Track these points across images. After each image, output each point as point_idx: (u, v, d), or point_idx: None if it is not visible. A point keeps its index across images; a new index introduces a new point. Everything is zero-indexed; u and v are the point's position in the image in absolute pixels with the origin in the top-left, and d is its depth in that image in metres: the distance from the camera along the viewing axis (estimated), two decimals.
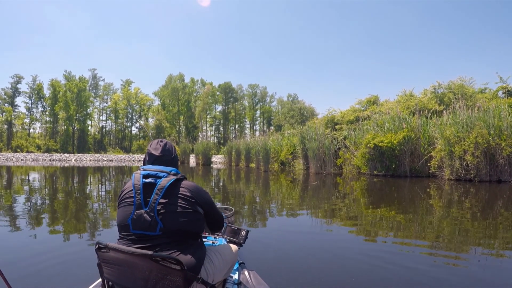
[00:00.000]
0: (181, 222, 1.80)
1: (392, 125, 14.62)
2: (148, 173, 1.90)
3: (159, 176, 1.89)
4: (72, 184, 13.37)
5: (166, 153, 2.09)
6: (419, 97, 20.07)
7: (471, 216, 6.33)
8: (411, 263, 3.65)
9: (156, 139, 2.19)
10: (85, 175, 19.10)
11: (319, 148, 17.02)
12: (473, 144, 11.48)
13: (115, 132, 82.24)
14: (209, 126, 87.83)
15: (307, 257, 3.90)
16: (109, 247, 1.65)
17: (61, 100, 70.09)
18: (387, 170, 14.15)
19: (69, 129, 71.66)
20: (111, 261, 1.69)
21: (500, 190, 10.08)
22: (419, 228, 5.46)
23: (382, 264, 3.61)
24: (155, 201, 1.79)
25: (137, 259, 1.59)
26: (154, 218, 1.76)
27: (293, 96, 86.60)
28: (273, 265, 3.53)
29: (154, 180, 1.87)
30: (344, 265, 3.66)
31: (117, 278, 1.72)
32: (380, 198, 9.16)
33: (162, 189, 1.82)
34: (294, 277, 3.19)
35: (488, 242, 4.58)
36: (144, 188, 1.85)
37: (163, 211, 1.78)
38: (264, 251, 4.05)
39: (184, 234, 1.83)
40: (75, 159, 45.22)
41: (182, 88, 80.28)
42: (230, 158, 29.59)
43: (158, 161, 2.05)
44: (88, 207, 7.73)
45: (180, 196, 1.85)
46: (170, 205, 1.80)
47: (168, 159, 2.08)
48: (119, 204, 1.95)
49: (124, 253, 1.61)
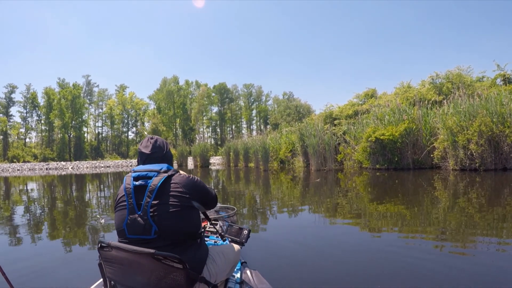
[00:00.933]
0: (176, 223, 1.74)
1: (393, 117, 14.35)
2: (138, 175, 1.83)
3: (149, 176, 1.81)
4: (70, 192, 13.04)
5: (156, 150, 2.01)
6: (417, 88, 19.83)
7: (480, 206, 6.13)
8: (418, 256, 3.51)
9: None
10: (83, 182, 18.75)
11: (319, 144, 16.69)
12: (477, 133, 11.24)
13: (112, 138, 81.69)
14: (206, 128, 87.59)
15: (310, 256, 3.81)
16: (111, 245, 1.62)
17: (56, 108, 69.26)
18: (390, 163, 13.88)
19: (65, 137, 70.86)
20: (113, 260, 1.66)
21: (506, 178, 9.87)
22: (429, 220, 5.25)
23: (389, 260, 3.50)
24: (147, 203, 1.73)
25: (139, 257, 1.56)
26: (148, 221, 1.71)
27: (288, 94, 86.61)
28: (275, 264, 3.49)
29: (144, 182, 1.79)
30: (348, 261, 3.58)
31: (119, 277, 1.70)
32: (384, 192, 8.92)
33: (154, 190, 1.75)
34: (296, 276, 3.15)
35: (497, 232, 4.44)
36: (136, 191, 1.79)
37: (157, 213, 1.72)
38: (266, 250, 4.01)
39: (181, 234, 1.78)
40: (72, 166, 44.54)
41: (177, 90, 79.87)
42: (228, 159, 29.26)
43: (149, 160, 1.98)
44: (87, 212, 7.49)
45: (172, 194, 1.78)
46: (163, 206, 1.74)
47: (159, 156, 2.01)
48: (115, 208, 1.89)
49: (126, 251, 1.58)
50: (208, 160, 32.43)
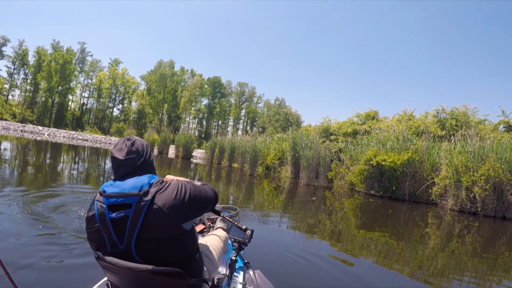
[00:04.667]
0: (169, 254, 1.49)
1: (396, 144, 13.77)
2: (113, 203, 1.44)
3: (129, 204, 1.42)
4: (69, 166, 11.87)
5: (133, 155, 1.57)
6: (419, 119, 19.43)
7: (474, 251, 6.07)
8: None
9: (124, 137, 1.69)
10: (59, 152, 17.49)
11: (314, 157, 15.94)
12: (484, 176, 10.74)
13: (96, 111, 78.89)
14: (192, 119, 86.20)
15: (316, 262, 3.82)
16: (107, 261, 1.43)
17: (45, 70, 65.31)
18: (385, 191, 13.27)
19: (48, 101, 67.17)
20: (111, 270, 1.49)
21: (504, 227, 9.69)
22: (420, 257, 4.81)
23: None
24: (130, 239, 1.43)
25: (137, 272, 1.39)
26: (135, 259, 1.45)
27: (280, 100, 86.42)
28: (278, 265, 3.47)
29: (124, 213, 1.42)
30: (351, 274, 3.61)
31: (119, 283, 1.56)
32: (385, 219, 8.73)
33: (137, 223, 1.41)
34: (299, 277, 3.13)
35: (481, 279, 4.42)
36: (113, 224, 1.44)
37: (144, 248, 1.45)
38: (269, 251, 3.99)
39: (177, 260, 1.50)
40: (48, 133, 42.29)
41: (170, 75, 78.14)
42: (212, 155, 28.21)
43: (122, 168, 1.56)
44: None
45: (159, 223, 1.44)
46: (149, 241, 1.45)
47: (135, 163, 1.57)
48: (87, 230, 1.54)
49: (123, 268, 1.40)
50: (191, 153, 31.24)
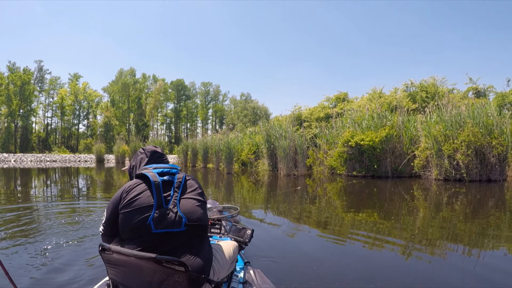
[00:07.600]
0: (199, 215, 1.79)
1: (372, 122, 13.46)
2: (162, 171, 1.88)
3: (173, 172, 1.89)
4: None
5: (164, 155, 2.17)
6: (390, 95, 19.34)
7: (465, 216, 6.00)
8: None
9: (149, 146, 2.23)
10: (29, 177, 16.11)
11: (290, 147, 15.41)
12: (465, 143, 10.57)
13: (61, 130, 75.17)
14: (160, 125, 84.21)
15: (314, 256, 3.82)
16: (112, 250, 1.58)
17: (3, 94, 61.33)
18: (368, 170, 12.95)
19: (11, 126, 62.81)
20: (115, 263, 1.62)
21: (491, 189, 9.62)
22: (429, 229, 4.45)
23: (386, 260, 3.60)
24: (176, 197, 1.78)
25: (141, 261, 1.51)
26: (179, 214, 1.73)
27: (246, 95, 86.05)
28: (278, 264, 3.44)
29: (171, 178, 1.85)
30: (349, 263, 3.56)
31: (121, 279, 1.67)
32: (371, 198, 8.43)
33: (180, 185, 1.83)
34: (300, 276, 3.11)
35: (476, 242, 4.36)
36: (163, 186, 1.81)
37: (184, 206, 1.77)
38: (270, 250, 3.95)
39: (202, 228, 1.80)
40: (14, 159, 40.02)
41: (133, 83, 75.73)
42: (186, 158, 27.32)
43: (161, 156, 2.12)
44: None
45: (192, 190, 1.87)
46: (189, 200, 1.81)
47: (166, 160, 2.15)
48: (124, 207, 1.78)
49: (127, 256, 1.54)
50: None
